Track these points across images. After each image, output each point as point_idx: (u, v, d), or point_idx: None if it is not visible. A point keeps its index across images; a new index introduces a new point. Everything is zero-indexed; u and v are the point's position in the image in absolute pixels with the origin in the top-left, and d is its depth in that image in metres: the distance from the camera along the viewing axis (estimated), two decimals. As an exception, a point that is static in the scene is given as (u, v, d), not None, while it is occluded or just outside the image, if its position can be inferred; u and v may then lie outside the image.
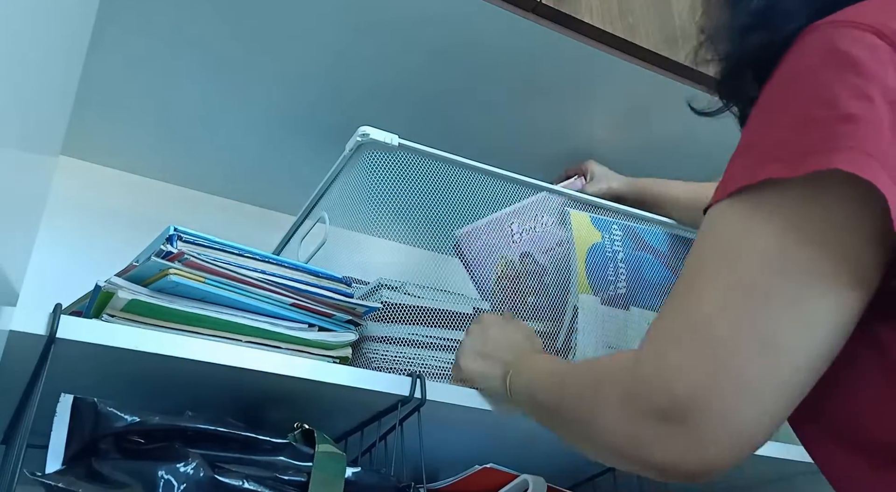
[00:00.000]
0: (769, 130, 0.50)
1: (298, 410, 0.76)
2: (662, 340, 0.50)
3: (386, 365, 0.84)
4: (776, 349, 0.46)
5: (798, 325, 0.46)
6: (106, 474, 0.59)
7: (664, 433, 0.47)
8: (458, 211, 0.96)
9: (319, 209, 1.01)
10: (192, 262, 0.69)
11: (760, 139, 0.51)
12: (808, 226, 0.46)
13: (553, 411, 0.61)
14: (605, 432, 0.52)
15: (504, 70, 1.11)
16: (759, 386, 0.46)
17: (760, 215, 0.48)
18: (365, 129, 0.90)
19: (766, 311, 0.46)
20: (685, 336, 0.48)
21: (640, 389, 0.49)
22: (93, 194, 1.16)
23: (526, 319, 0.90)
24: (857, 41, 0.48)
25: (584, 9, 1.05)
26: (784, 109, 0.50)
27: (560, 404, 0.59)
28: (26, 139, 0.68)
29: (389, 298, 0.87)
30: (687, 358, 0.47)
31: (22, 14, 0.58)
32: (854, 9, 0.51)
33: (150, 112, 1.15)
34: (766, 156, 0.49)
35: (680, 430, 0.46)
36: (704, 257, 0.51)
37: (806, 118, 0.48)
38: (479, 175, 0.97)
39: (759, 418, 0.46)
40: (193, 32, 1.02)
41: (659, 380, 0.48)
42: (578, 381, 0.58)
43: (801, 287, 0.46)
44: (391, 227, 0.89)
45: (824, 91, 0.47)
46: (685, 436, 0.46)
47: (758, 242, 0.47)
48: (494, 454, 0.82)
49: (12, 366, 0.63)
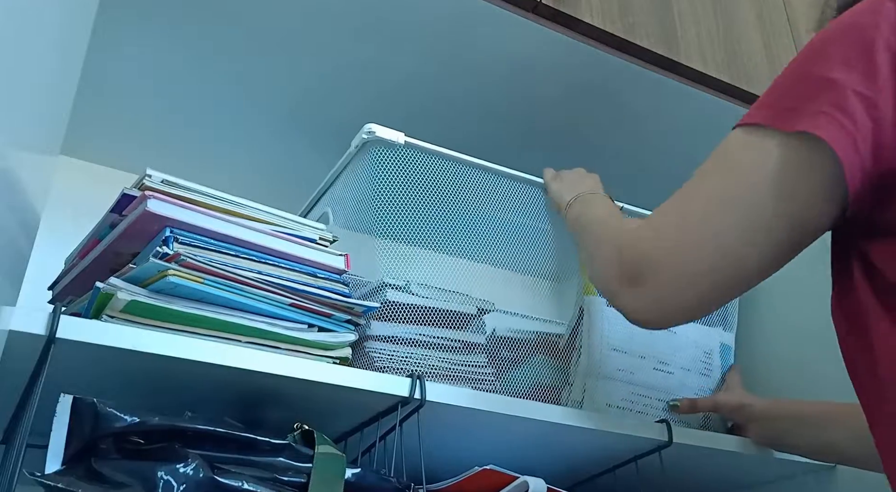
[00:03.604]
0: (782, 77, 0.61)
1: (298, 410, 0.76)
2: (650, 225, 0.65)
3: (389, 364, 0.84)
4: (726, 251, 0.59)
5: (748, 235, 0.59)
6: (106, 474, 0.59)
7: (629, 291, 0.64)
8: (463, 210, 0.95)
9: (322, 205, 1.00)
10: (189, 263, 0.69)
11: (774, 84, 0.61)
12: (776, 165, 0.58)
13: (579, 241, 0.84)
14: (597, 276, 0.74)
15: (504, 70, 1.11)
16: (702, 277, 0.60)
17: (750, 148, 0.60)
18: (371, 126, 0.89)
19: (728, 221, 0.59)
20: (666, 227, 0.63)
21: (622, 254, 0.65)
22: (93, 194, 1.16)
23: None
24: (869, 5, 0.58)
25: (584, 9, 1.05)
26: (797, 62, 0.60)
27: (583, 240, 0.82)
28: (26, 139, 0.68)
29: (393, 298, 0.87)
30: (659, 243, 0.62)
31: (22, 14, 0.58)
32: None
33: (150, 112, 1.15)
34: (767, 102, 0.60)
35: (639, 291, 0.63)
36: (705, 168, 0.63)
37: (801, 75, 0.59)
38: (485, 174, 0.96)
39: (695, 293, 0.61)
40: (193, 32, 1.02)
41: (634, 253, 0.64)
42: (597, 232, 0.77)
43: (759, 208, 0.58)
44: (394, 225, 0.88)
45: (823, 54, 0.58)
46: (641, 296, 0.63)
47: (740, 169, 0.60)
48: (494, 456, 0.82)
49: (12, 366, 0.63)
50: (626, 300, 0.65)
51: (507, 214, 0.99)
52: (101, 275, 0.70)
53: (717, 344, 1.08)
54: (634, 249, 0.64)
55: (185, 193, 0.75)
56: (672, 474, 0.93)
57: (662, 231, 0.63)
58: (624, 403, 0.98)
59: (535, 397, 0.92)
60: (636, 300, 0.64)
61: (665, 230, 0.63)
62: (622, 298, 0.65)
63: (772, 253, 0.60)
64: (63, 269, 0.85)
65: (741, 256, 0.59)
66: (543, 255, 1.00)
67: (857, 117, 0.55)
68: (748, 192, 0.59)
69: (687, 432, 0.93)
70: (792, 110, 0.57)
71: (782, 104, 0.59)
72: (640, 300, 0.64)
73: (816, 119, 0.55)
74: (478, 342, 0.92)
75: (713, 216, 0.60)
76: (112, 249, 0.76)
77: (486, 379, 0.90)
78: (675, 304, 0.62)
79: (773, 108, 0.59)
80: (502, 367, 0.93)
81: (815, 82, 0.57)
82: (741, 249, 0.59)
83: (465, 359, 0.90)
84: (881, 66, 0.55)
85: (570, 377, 0.98)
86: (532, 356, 0.98)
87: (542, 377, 0.97)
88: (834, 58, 0.57)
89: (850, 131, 0.54)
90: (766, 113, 0.59)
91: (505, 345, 0.95)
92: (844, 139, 0.54)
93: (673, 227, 0.63)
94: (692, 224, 0.61)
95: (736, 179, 0.60)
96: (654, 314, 0.64)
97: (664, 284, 0.61)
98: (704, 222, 0.60)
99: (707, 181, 0.62)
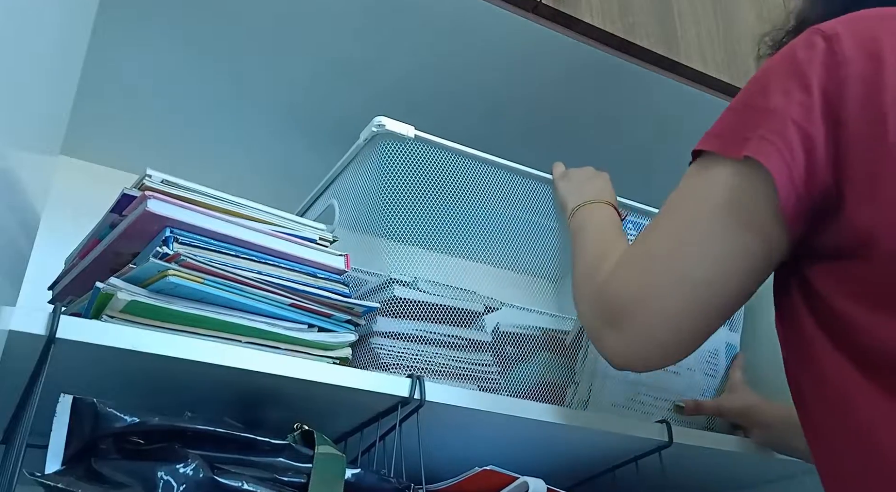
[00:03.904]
0: (730, 108, 0.64)
1: (297, 410, 0.76)
2: (624, 264, 0.66)
3: (395, 361, 0.84)
4: (695, 287, 0.60)
5: (712, 266, 0.60)
6: (105, 474, 0.59)
7: (607, 334, 0.65)
8: (472, 206, 0.94)
9: (326, 199, 1.00)
10: (189, 263, 0.69)
11: (724, 114, 0.64)
12: (731, 193, 0.60)
13: (573, 255, 0.82)
14: (581, 314, 0.73)
15: (503, 70, 1.11)
16: (674, 310, 0.61)
17: (703, 177, 0.63)
18: (380, 119, 0.89)
19: (693, 256, 0.61)
20: (635, 268, 0.64)
21: (599, 297, 0.67)
22: (93, 194, 1.16)
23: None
24: (804, 42, 0.61)
25: (584, 9, 1.05)
26: (743, 94, 0.64)
27: (575, 261, 0.79)
28: (26, 139, 0.68)
29: (401, 294, 0.87)
30: (630, 286, 0.63)
31: (22, 14, 0.58)
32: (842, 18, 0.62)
33: (150, 112, 1.15)
34: (716, 131, 0.63)
35: (616, 333, 0.64)
36: (669, 202, 0.65)
37: (746, 105, 0.63)
38: (493, 169, 0.95)
39: (672, 333, 0.62)
40: (193, 32, 1.02)
41: (609, 296, 0.65)
42: (587, 260, 0.75)
43: (719, 238, 0.60)
44: (401, 220, 0.87)
45: (766, 86, 0.61)
46: (619, 339, 0.64)
47: (699, 201, 0.62)
48: (494, 456, 0.82)
49: (12, 366, 0.63)
50: (607, 343, 0.65)
51: (515, 211, 0.98)
52: (101, 275, 0.70)
53: (723, 344, 1.07)
54: (609, 291, 0.65)
55: (185, 193, 0.75)
56: (672, 475, 0.93)
57: (633, 272, 0.64)
58: (630, 403, 0.98)
59: (541, 396, 0.92)
60: (617, 343, 0.64)
61: (635, 271, 0.64)
62: (604, 340, 0.66)
63: (742, 280, 0.61)
64: (63, 269, 0.85)
65: (712, 289, 0.60)
66: (552, 252, 0.99)
67: (794, 146, 0.57)
68: (708, 223, 0.61)
69: (687, 432, 0.93)
70: (739, 138, 0.60)
71: (731, 133, 0.62)
72: (620, 343, 0.64)
73: (760, 145, 0.58)
74: (484, 340, 0.92)
75: (677, 253, 0.62)
76: (112, 249, 0.76)
77: (491, 377, 0.90)
78: (653, 346, 0.63)
79: (722, 137, 0.62)
80: (508, 364, 0.93)
81: (760, 112, 0.60)
82: (711, 282, 0.60)
83: (470, 357, 0.90)
84: (815, 101, 0.58)
85: (577, 376, 0.97)
86: (538, 354, 0.98)
87: (548, 375, 0.96)
88: (775, 90, 0.60)
89: (787, 158, 0.57)
90: (716, 142, 0.62)
91: (510, 341, 0.95)
92: (781, 164, 0.57)
93: (640, 269, 0.64)
94: (660, 264, 0.62)
95: (696, 211, 0.62)
96: (635, 358, 0.64)
97: (641, 327, 0.62)
98: (671, 261, 0.62)
99: (670, 216, 0.64)
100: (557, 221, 0.99)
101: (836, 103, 0.58)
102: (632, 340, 0.63)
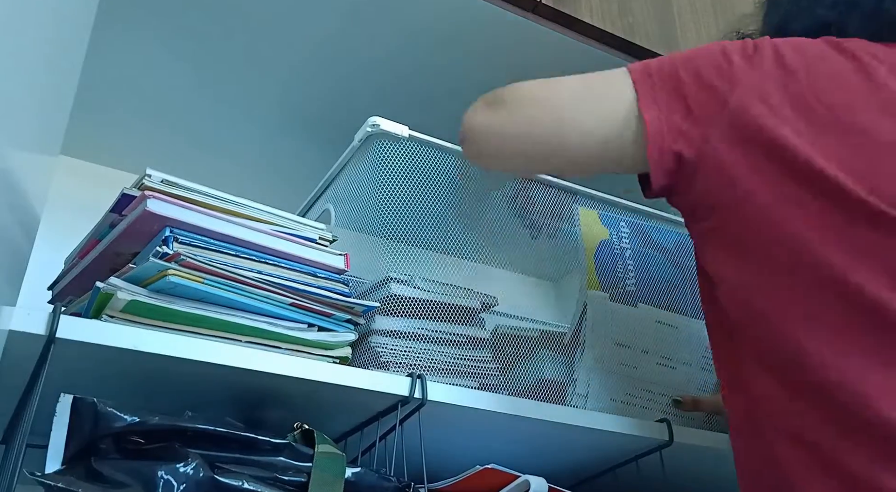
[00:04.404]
0: (673, 57, 0.71)
1: (298, 410, 0.76)
2: (532, 83, 0.74)
3: (394, 359, 0.84)
4: (554, 115, 0.71)
5: (578, 117, 0.70)
6: (106, 474, 0.59)
7: (463, 144, 0.77)
8: (466, 206, 0.95)
9: (324, 201, 1.00)
10: (189, 262, 0.69)
11: (672, 57, 0.71)
12: (619, 106, 0.69)
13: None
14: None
15: (503, 69, 1.11)
16: (512, 142, 0.73)
17: (617, 81, 0.71)
18: (375, 119, 0.89)
19: (561, 109, 0.71)
20: (535, 87, 0.74)
21: (499, 90, 0.75)
22: (93, 194, 1.16)
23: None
24: (743, 49, 0.68)
25: (584, 9, 1.05)
26: (690, 53, 0.71)
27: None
28: (26, 139, 0.68)
29: (398, 291, 0.87)
30: (519, 92, 0.74)
31: (22, 14, 0.58)
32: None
33: (149, 112, 1.15)
34: (653, 67, 0.70)
35: (465, 145, 0.77)
36: (576, 76, 0.74)
37: (680, 65, 0.69)
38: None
39: (499, 155, 0.75)
40: (193, 32, 1.02)
41: (505, 89, 0.74)
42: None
43: (594, 116, 0.70)
44: (397, 220, 0.88)
45: (698, 64, 0.68)
46: (467, 148, 0.77)
47: (597, 84, 0.72)
48: (495, 455, 0.82)
49: (12, 366, 0.63)
50: (475, 116, 0.75)
51: (509, 210, 0.98)
52: (101, 275, 0.70)
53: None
54: (508, 88, 0.75)
55: (185, 193, 0.75)
56: (673, 474, 0.93)
57: (528, 91, 0.74)
58: (628, 398, 0.98)
59: (540, 392, 0.92)
60: (466, 150, 0.77)
61: (530, 91, 0.74)
62: (476, 112, 0.75)
63: (582, 146, 0.70)
64: (63, 269, 0.85)
65: (562, 129, 0.70)
66: (546, 251, 1.00)
67: (678, 122, 0.66)
68: (592, 96, 0.71)
69: (688, 431, 0.93)
70: (652, 86, 0.69)
71: (654, 77, 0.69)
72: (485, 119, 0.74)
73: (654, 106, 0.67)
74: (482, 337, 0.92)
75: (562, 92, 0.72)
76: (112, 249, 0.76)
77: (490, 374, 0.90)
78: (490, 139, 0.74)
79: (649, 74, 0.70)
80: (507, 362, 0.93)
81: (678, 79, 0.68)
82: (567, 122, 0.70)
83: (469, 354, 0.90)
84: (712, 105, 0.66)
85: (575, 372, 0.98)
86: (536, 351, 0.98)
87: (547, 372, 0.97)
88: (702, 72, 0.67)
89: (663, 129, 0.67)
90: (643, 74, 0.70)
91: (509, 340, 0.95)
92: (658, 130, 0.67)
93: (528, 86, 0.74)
94: (546, 87, 0.73)
95: (591, 85, 0.72)
96: (482, 135, 0.75)
97: (504, 117, 0.73)
98: (554, 90, 0.72)
99: (578, 78, 0.74)
100: (555, 219, 0.99)
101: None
102: (472, 150, 0.76)
